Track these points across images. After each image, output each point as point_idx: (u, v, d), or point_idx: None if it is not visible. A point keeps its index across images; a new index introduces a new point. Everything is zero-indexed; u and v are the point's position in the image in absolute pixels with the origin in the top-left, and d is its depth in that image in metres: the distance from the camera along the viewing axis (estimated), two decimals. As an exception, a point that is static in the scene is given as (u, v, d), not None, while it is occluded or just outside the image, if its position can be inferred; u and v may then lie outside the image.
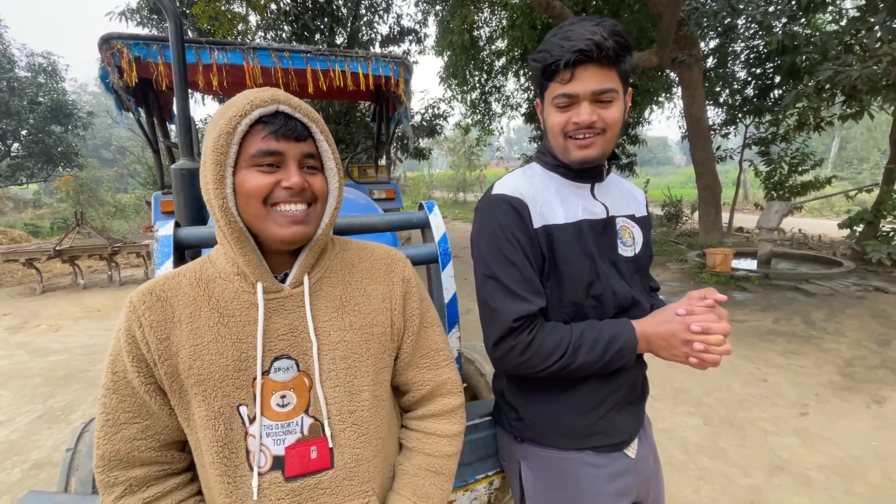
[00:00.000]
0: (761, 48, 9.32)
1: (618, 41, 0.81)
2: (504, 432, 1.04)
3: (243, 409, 0.69)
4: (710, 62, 10.13)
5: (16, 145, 16.11)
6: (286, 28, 9.54)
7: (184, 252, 1.05)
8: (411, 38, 11.53)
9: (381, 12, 10.98)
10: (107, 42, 2.65)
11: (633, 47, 0.86)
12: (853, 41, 6.19)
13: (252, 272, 0.69)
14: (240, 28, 8.32)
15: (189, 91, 2.01)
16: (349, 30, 10.43)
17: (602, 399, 0.92)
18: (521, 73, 12.70)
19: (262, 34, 9.54)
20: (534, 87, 1.02)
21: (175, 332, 0.67)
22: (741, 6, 6.23)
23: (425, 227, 1.26)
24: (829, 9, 6.76)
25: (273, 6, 9.13)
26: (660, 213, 12.24)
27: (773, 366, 3.66)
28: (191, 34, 8.32)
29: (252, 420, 0.69)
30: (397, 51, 11.33)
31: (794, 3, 6.16)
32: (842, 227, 7.53)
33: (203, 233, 1.06)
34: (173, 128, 4.21)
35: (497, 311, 0.87)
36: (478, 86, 13.06)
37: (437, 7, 11.17)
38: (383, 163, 4.86)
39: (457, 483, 1.11)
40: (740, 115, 10.33)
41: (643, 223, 1.03)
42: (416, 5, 11.46)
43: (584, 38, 0.80)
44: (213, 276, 0.72)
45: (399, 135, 9.40)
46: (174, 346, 0.67)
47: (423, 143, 12.97)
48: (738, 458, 2.48)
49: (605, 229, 0.95)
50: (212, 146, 0.63)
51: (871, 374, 3.45)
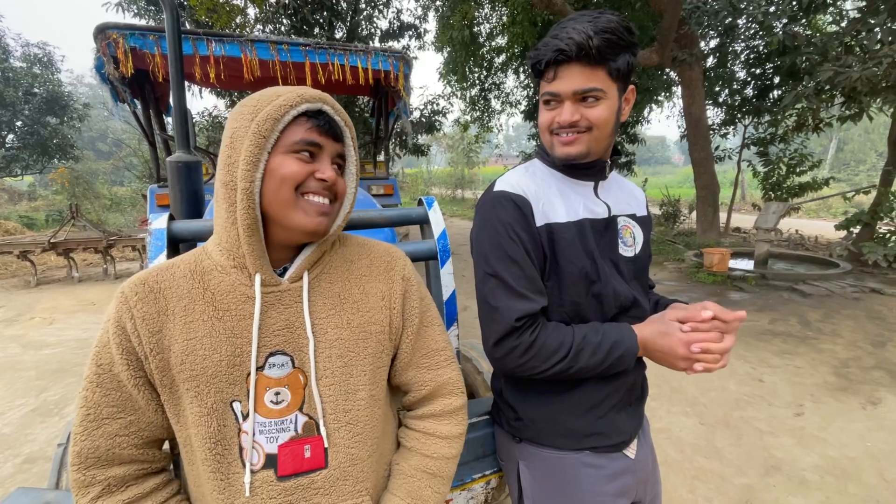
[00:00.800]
0: (761, 48, 9.31)
1: (607, 39, 0.78)
2: (502, 432, 1.03)
3: (236, 406, 0.67)
4: (711, 62, 10.12)
5: (11, 136, 15.98)
6: (285, 21, 9.46)
7: (178, 246, 1.03)
8: (411, 33, 11.46)
9: (381, 7, 10.91)
10: (102, 32, 2.61)
11: (632, 44, 0.83)
12: (853, 42, 6.19)
13: (253, 263, 0.68)
14: (238, 21, 8.26)
15: (186, 83, 1.98)
16: (348, 24, 10.35)
17: (601, 399, 0.91)
18: (521, 70, 12.65)
19: (261, 27, 9.46)
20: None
21: (168, 326, 0.66)
22: (742, 6, 6.21)
23: (425, 223, 1.24)
24: (830, 10, 6.76)
25: (272, -1, 9.06)
26: (658, 212, 12.26)
27: (769, 366, 3.67)
28: (188, 26, 8.24)
29: (245, 417, 0.67)
30: (397, 46, 11.26)
31: (794, 3, 6.14)
32: (839, 228, 7.55)
33: (198, 226, 1.03)
34: (169, 120, 4.18)
35: (498, 309, 0.85)
36: (477, 82, 13.01)
37: (438, 2, 11.10)
38: (382, 158, 4.83)
39: (454, 482, 1.10)
40: (739, 116, 10.33)
41: (644, 223, 1.02)
42: (416, 0, 11.40)
43: (566, 37, 0.78)
44: (208, 268, 0.70)
45: (398, 130, 9.37)
46: (167, 339, 0.65)
47: (422, 139, 12.91)
48: (734, 458, 2.49)
49: (607, 229, 0.93)
50: (254, 129, 0.64)
51: (866, 375, 3.46)
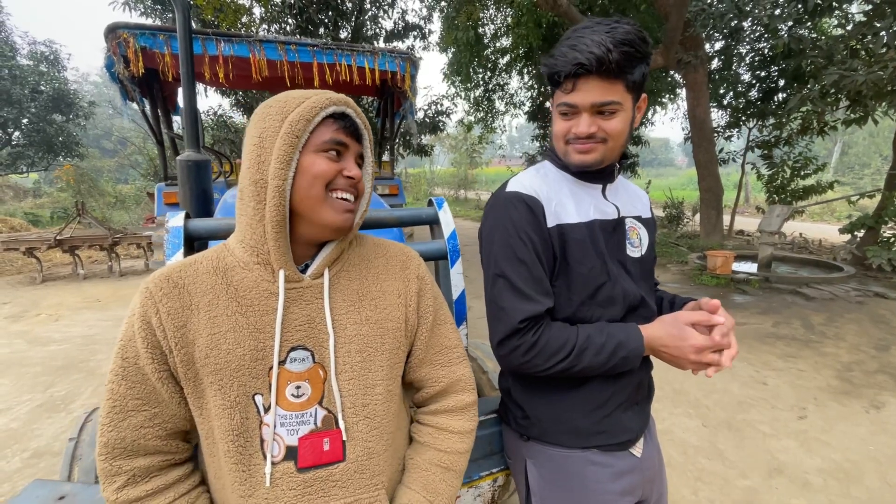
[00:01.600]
0: (766, 51, 9.31)
1: (625, 52, 0.78)
2: (510, 430, 1.04)
3: (258, 399, 0.69)
4: (715, 64, 10.11)
5: (17, 134, 16.06)
6: (290, 21, 9.51)
7: (193, 243, 1.05)
8: (416, 33, 11.51)
9: (386, 7, 10.95)
10: (113, 31, 2.64)
11: (648, 55, 0.82)
12: (859, 46, 6.18)
13: (278, 259, 0.70)
14: (244, 20, 8.29)
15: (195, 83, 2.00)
16: (353, 24, 10.40)
17: (609, 398, 0.92)
18: (525, 71, 12.67)
19: (266, 27, 9.50)
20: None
21: (192, 320, 0.67)
22: (747, 8, 6.21)
23: (435, 223, 1.25)
24: (836, 13, 6.75)
25: (278, -1, 9.11)
26: (661, 214, 12.24)
27: (773, 369, 3.67)
28: (194, 25, 8.29)
29: (267, 409, 0.69)
30: (401, 46, 11.28)
31: (800, 6, 6.14)
32: (843, 231, 7.53)
33: (213, 224, 1.05)
34: (177, 119, 4.21)
35: (504, 309, 0.87)
36: (481, 83, 13.04)
37: (443, 3, 11.13)
38: (387, 158, 4.85)
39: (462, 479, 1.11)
40: (744, 118, 10.32)
41: (649, 224, 1.03)
42: (421, 1, 11.44)
43: (587, 51, 0.78)
44: (231, 264, 0.72)
45: (402, 131, 9.40)
46: (191, 333, 0.67)
47: (426, 139, 12.95)
48: (737, 460, 2.49)
49: (616, 230, 0.95)
50: (286, 129, 0.67)
51: (869, 378, 3.46)
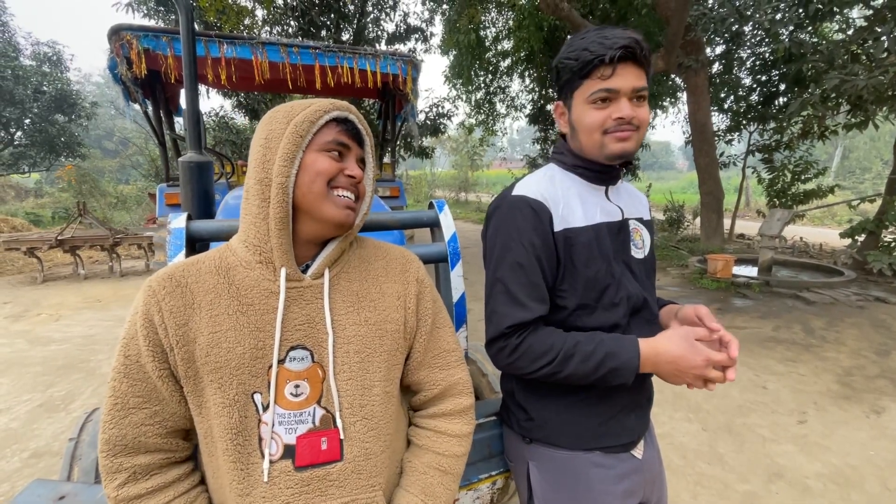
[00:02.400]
0: (767, 55, 9.32)
1: (647, 46, 0.86)
2: (512, 433, 1.04)
3: (257, 397, 0.69)
4: (716, 68, 10.13)
5: (19, 134, 16.12)
6: (292, 23, 9.54)
7: (195, 245, 1.05)
8: (417, 36, 11.53)
9: (388, 10, 10.98)
10: (116, 33, 2.66)
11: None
12: (860, 51, 6.19)
13: (280, 257, 0.72)
14: (246, 22, 8.33)
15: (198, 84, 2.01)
16: (355, 27, 10.43)
17: (612, 401, 0.93)
18: (527, 74, 12.69)
19: (269, 29, 9.53)
20: (558, 89, 1.01)
21: (194, 319, 0.68)
22: (748, 13, 6.24)
23: (435, 225, 1.26)
24: (836, 18, 6.76)
25: (280, 1, 9.14)
26: (662, 217, 12.24)
27: (773, 373, 3.66)
28: (197, 27, 8.32)
29: (265, 408, 0.70)
30: (403, 49, 11.32)
31: (801, 11, 6.16)
32: (843, 236, 7.53)
33: (215, 226, 1.05)
34: (179, 120, 4.22)
35: (496, 313, 0.89)
36: (483, 86, 13.05)
37: (444, 6, 11.16)
38: (388, 160, 4.86)
39: (461, 482, 1.11)
40: (744, 122, 10.33)
41: (649, 226, 1.05)
42: (423, 4, 11.47)
43: (624, 37, 0.83)
44: (233, 264, 0.73)
45: (403, 133, 9.41)
46: (192, 331, 0.68)
47: (427, 141, 12.97)
48: (736, 465, 2.49)
49: (620, 231, 0.96)
50: (291, 130, 0.71)
51: (869, 383, 3.46)
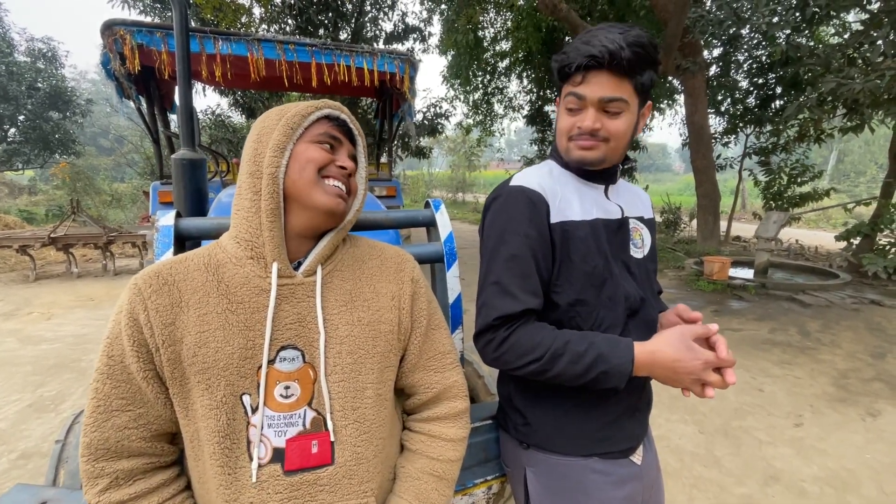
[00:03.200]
0: (764, 58, 9.36)
1: (636, 52, 0.80)
2: (509, 438, 1.02)
3: (246, 399, 0.67)
4: (714, 70, 10.16)
5: (13, 130, 16.01)
6: (290, 22, 9.50)
7: (184, 243, 1.03)
8: (415, 36, 11.52)
9: (386, 9, 10.96)
10: (109, 28, 2.62)
11: (657, 61, 0.84)
12: (856, 55, 6.21)
13: (272, 251, 0.70)
14: (243, 20, 8.28)
15: (192, 81, 1.98)
16: (353, 26, 10.40)
17: (611, 406, 0.91)
18: (525, 74, 12.70)
19: (266, 27, 9.49)
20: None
21: (181, 318, 0.66)
22: (746, 16, 6.23)
23: (431, 225, 1.23)
24: (833, 22, 6.80)
25: (278, -1, 9.10)
26: (658, 219, 12.28)
27: (769, 375, 3.66)
28: (193, 24, 8.27)
29: (255, 410, 0.67)
30: (401, 48, 11.29)
31: (798, 14, 6.17)
32: (839, 239, 7.57)
33: (205, 224, 1.03)
34: (173, 117, 4.18)
35: (486, 304, 0.87)
36: (480, 86, 13.06)
37: (443, 6, 11.16)
38: (385, 160, 4.84)
39: (455, 487, 1.09)
40: (741, 125, 10.37)
41: (650, 225, 1.03)
42: (422, 3, 11.45)
43: (600, 45, 0.80)
44: (223, 260, 0.71)
45: (401, 133, 9.40)
46: (179, 331, 0.65)
47: (424, 141, 12.96)
48: (733, 467, 2.48)
49: (619, 230, 0.94)
50: (283, 123, 0.71)
51: (865, 386, 3.46)
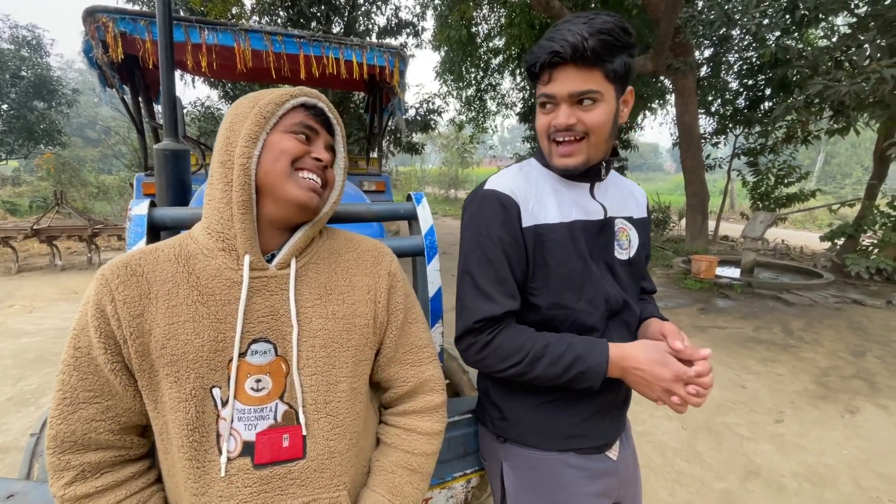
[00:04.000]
0: (754, 60, 9.44)
1: (602, 40, 0.76)
2: (487, 432, 1.03)
3: (216, 392, 0.66)
4: (704, 71, 10.23)
5: (-4, 120, 15.63)
6: (282, 14, 9.38)
7: (159, 234, 1.01)
8: (409, 30, 11.42)
9: (380, 3, 10.86)
10: (91, 15, 2.57)
11: (629, 45, 0.80)
12: (843, 58, 6.30)
13: (243, 244, 0.69)
14: (234, 11, 8.16)
15: (177, 71, 1.95)
16: (346, 19, 10.29)
17: (587, 403, 0.91)
18: (518, 72, 12.69)
19: (257, 19, 9.36)
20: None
21: (150, 309, 0.65)
22: (737, 17, 6.29)
23: (412, 218, 1.23)
24: (822, 25, 6.87)
25: (269, -10, 8.97)
26: (648, 218, 12.39)
27: (752, 373, 3.72)
28: (182, 13, 8.13)
29: (224, 403, 0.67)
30: (394, 43, 11.22)
31: (787, 17, 6.22)
32: (823, 239, 7.70)
33: (180, 213, 1.01)
34: (159, 108, 4.11)
35: (466, 308, 0.88)
36: (473, 83, 13.03)
37: (436, 1, 11.09)
38: (375, 155, 4.80)
39: (434, 480, 1.09)
40: (731, 125, 10.47)
41: (641, 225, 1.01)
42: (415, -2, 11.37)
43: (562, 39, 0.77)
44: (194, 251, 0.70)
45: (392, 128, 9.34)
46: (147, 323, 0.64)
47: (417, 137, 12.90)
48: (714, 463, 2.51)
49: (602, 231, 0.93)
50: (256, 111, 0.69)
51: (845, 384, 3.52)
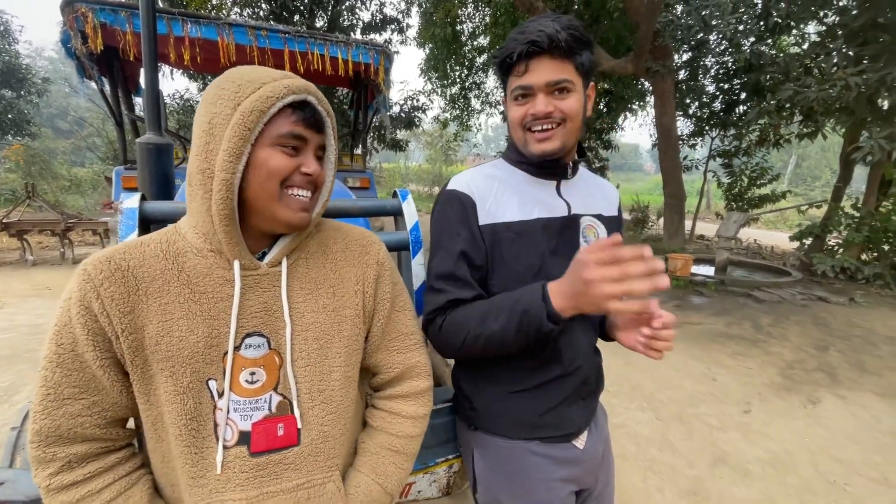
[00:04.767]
0: (730, 65, 9.70)
1: (571, 34, 0.82)
2: (460, 420, 1.07)
3: (212, 384, 0.68)
4: (683, 75, 10.47)
5: (-40, 108, 14.99)
6: (264, 6, 9.25)
7: (149, 227, 1.03)
8: (393, 27, 11.40)
9: (364, -2, 10.80)
10: (70, 5, 2.51)
11: (591, 42, 0.86)
12: (813, 64, 6.55)
13: (230, 251, 0.68)
14: (214, 2, 8.01)
15: (159, 64, 1.94)
16: (330, 14, 10.20)
17: (553, 393, 0.94)
18: (502, 71, 12.72)
19: (238, 11, 9.20)
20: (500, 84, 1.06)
21: (140, 306, 0.65)
22: (713, 22, 6.47)
23: (398, 214, 1.27)
24: (794, 32, 7.13)
25: (251, -18, 8.84)
26: (627, 217, 12.62)
27: (723, 366, 3.87)
28: (161, 4, 7.93)
29: (220, 394, 0.68)
30: (378, 39, 11.15)
31: (761, 24, 6.45)
32: (792, 239, 8.00)
33: (171, 207, 1.03)
34: (139, 101, 4.03)
35: (426, 302, 0.94)
36: (458, 81, 13.03)
37: (421, -2, 11.08)
38: (359, 151, 4.80)
39: (417, 465, 1.14)
40: (707, 128, 10.74)
41: (611, 223, 1.02)
42: (400, -6, 11.33)
43: (536, 31, 0.82)
44: (183, 249, 0.69)
45: (376, 124, 9.31)
46: (140, 319, 0.65)
47: (401, 134, 12.87)
48: (685, 451, 2.63)
49: (567, 228, 0.94)
50: (238, 120, 0.62)
51: (808, 376, 3.70)
